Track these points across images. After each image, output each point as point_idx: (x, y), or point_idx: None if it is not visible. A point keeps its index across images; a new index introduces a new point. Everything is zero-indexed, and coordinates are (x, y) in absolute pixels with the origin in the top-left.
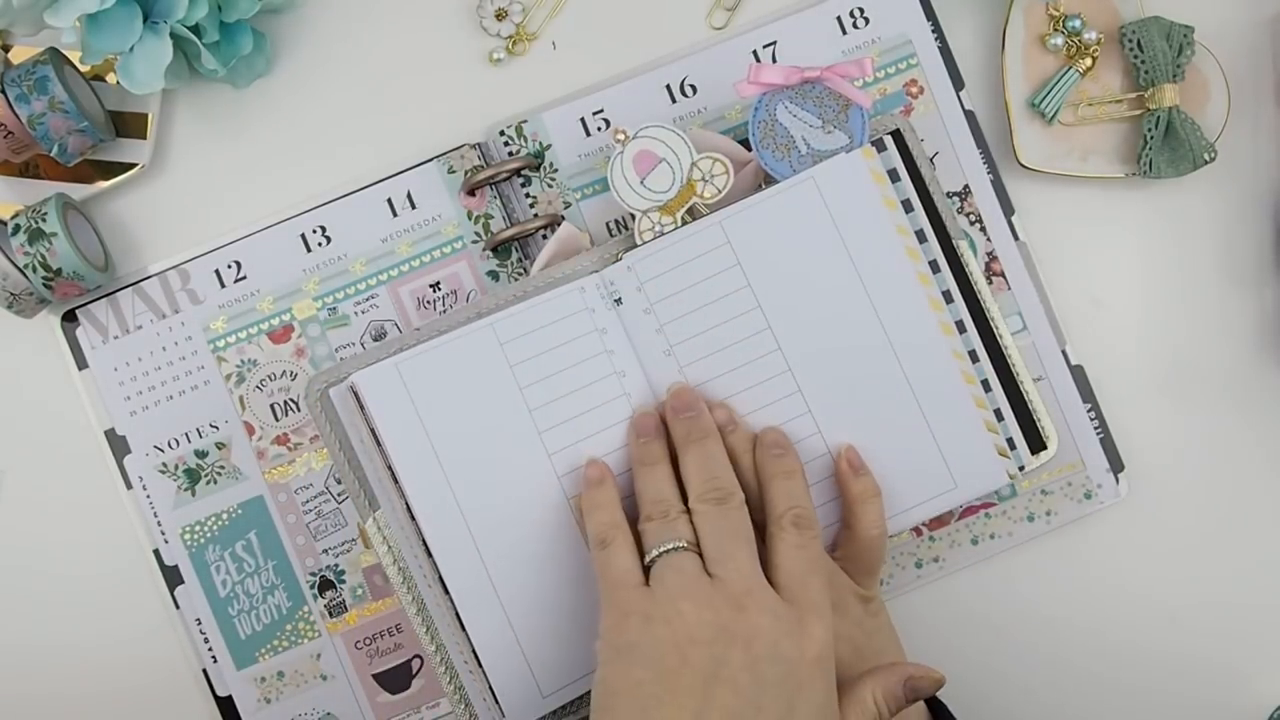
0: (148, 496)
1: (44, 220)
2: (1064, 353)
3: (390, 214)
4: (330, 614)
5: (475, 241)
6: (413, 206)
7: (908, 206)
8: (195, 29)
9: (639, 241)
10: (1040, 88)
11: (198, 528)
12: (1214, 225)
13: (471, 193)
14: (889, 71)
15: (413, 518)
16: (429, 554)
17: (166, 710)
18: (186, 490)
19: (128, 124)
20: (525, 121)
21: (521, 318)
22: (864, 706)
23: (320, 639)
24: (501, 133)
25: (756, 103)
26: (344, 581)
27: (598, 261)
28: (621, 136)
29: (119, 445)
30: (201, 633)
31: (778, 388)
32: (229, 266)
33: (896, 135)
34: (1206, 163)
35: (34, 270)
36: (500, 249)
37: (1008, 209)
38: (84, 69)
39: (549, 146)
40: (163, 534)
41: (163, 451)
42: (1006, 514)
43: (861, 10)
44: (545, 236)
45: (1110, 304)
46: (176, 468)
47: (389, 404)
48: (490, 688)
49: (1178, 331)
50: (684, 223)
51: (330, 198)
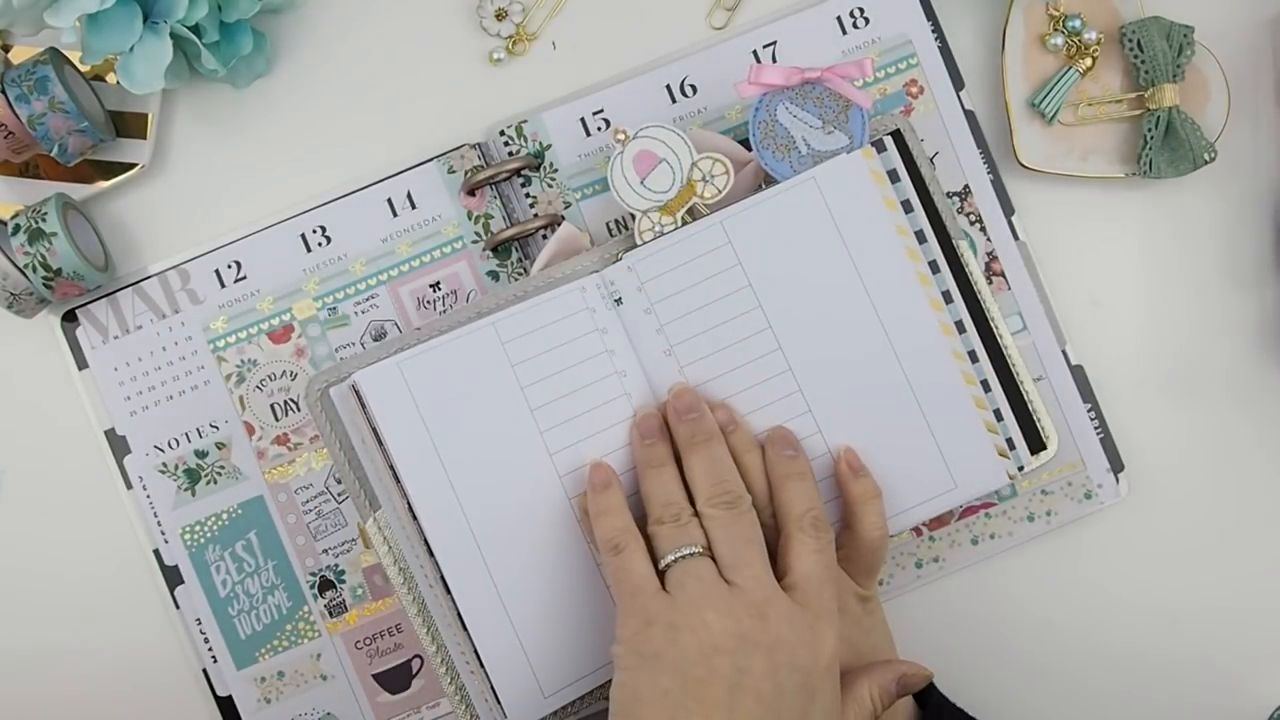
0: (148, 496)
1: (44, 220)
2: (1064, 353)
3: (390, 214)
4: (330, 614)
5: (475, 241)
6: (413, 206)
7: (907, 207)
8: (195, 29)
9: (639, 241)
10: (1040, 88)
11: (198, 528)
12: (1214, 225)
13: (471, 193)
14: (889, 71)
15: (414, 517)
16: (430, 554)
17: (166, 710)
18: (187, 490)
19: (128, 124)
20: (525, 121)
21: (522, 317)
22: (861, 704)
23: (320, 639)
24: (501, 133)
25: (757, 103)
26: (344, 581)
27: (598, 261)
28: (621, 136)
29: (119, 445)
30: (202, 632)
31: (778, 388)
32: (229, 266)
33: (896, 135)
34: (1206, 163)
35: (34, 270)
36: (500, 249)
37: (1008, 209)
38: (84, 69)
39: (549, 146)
40: (163, 534)
41: (163, 451)
42: (1006, 514)
43: (861, 10)
44: (545, 236)
45: (1110, 304)
46: (177, 468)
47: (390, 403)
48: (492, 688)
49: (1178, 331)
50: (684, 223)
51: (330, 198)
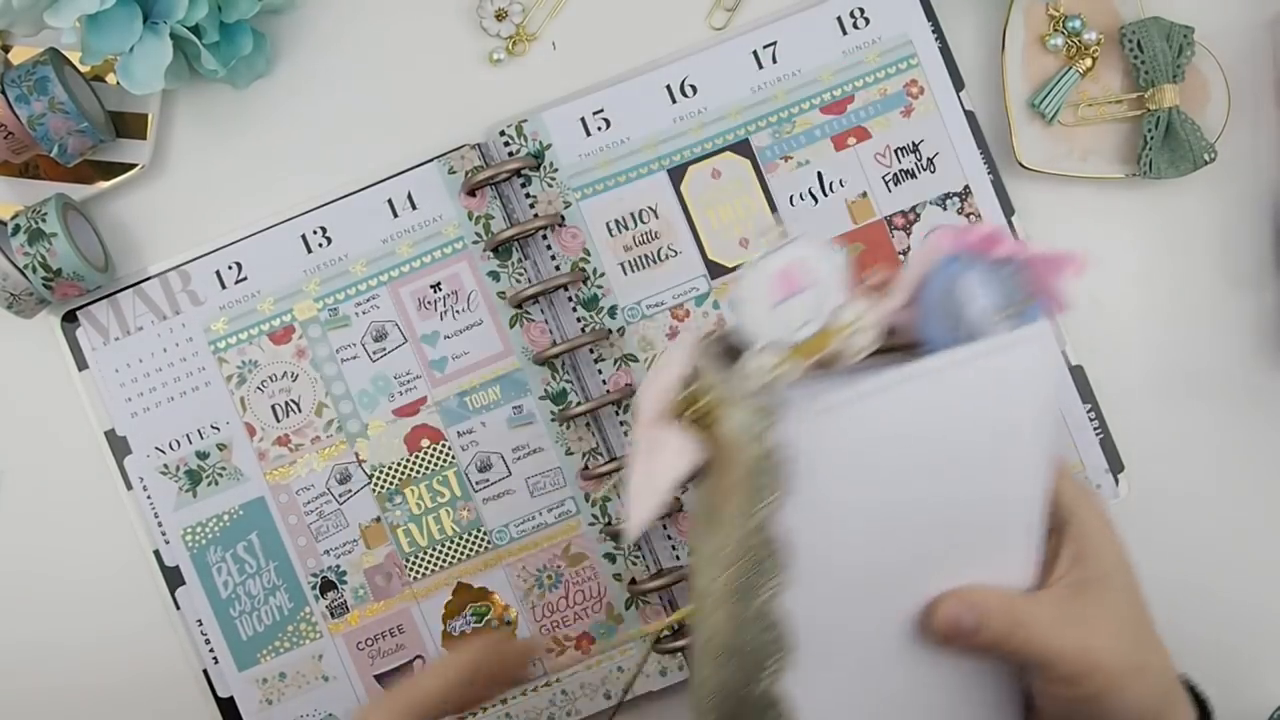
0: (148, 497)
1: (44, 221)
2: (1064, 353)
3: (391, 214)
4: (332, 615)
5: (476, 242)
6: (413, 207)
7: None
8: (195, 29)
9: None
10: (1040, 88)
11: (199, 529)
12: (1214, 225)
13: (472, 193)
14: (889, 72)
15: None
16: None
17: (167, 712)
18: (188, 491)
19: (128, 124)
20: (525, 121)
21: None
22: None
23: (322, 640)
24: (502, 133)
25: (947, 262)
26: (345, 582)
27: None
28: (779, 232)
29: (119, 446)
30: (203, 633)
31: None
32: (230, 267)
33: None
34: (1206, 163)
35: (34, 270)
36: (501, 249)
37: (1008, 209)
38: (84, 69)
39: (549, 146)
40: (164, 535)
41: (164, 453)
42: None
43: (861, 10)
44: (545, 236)
45: (1110, 304)
46: (178, 469)
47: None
48: None
49: (1178, 331)
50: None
51: (331, 199)
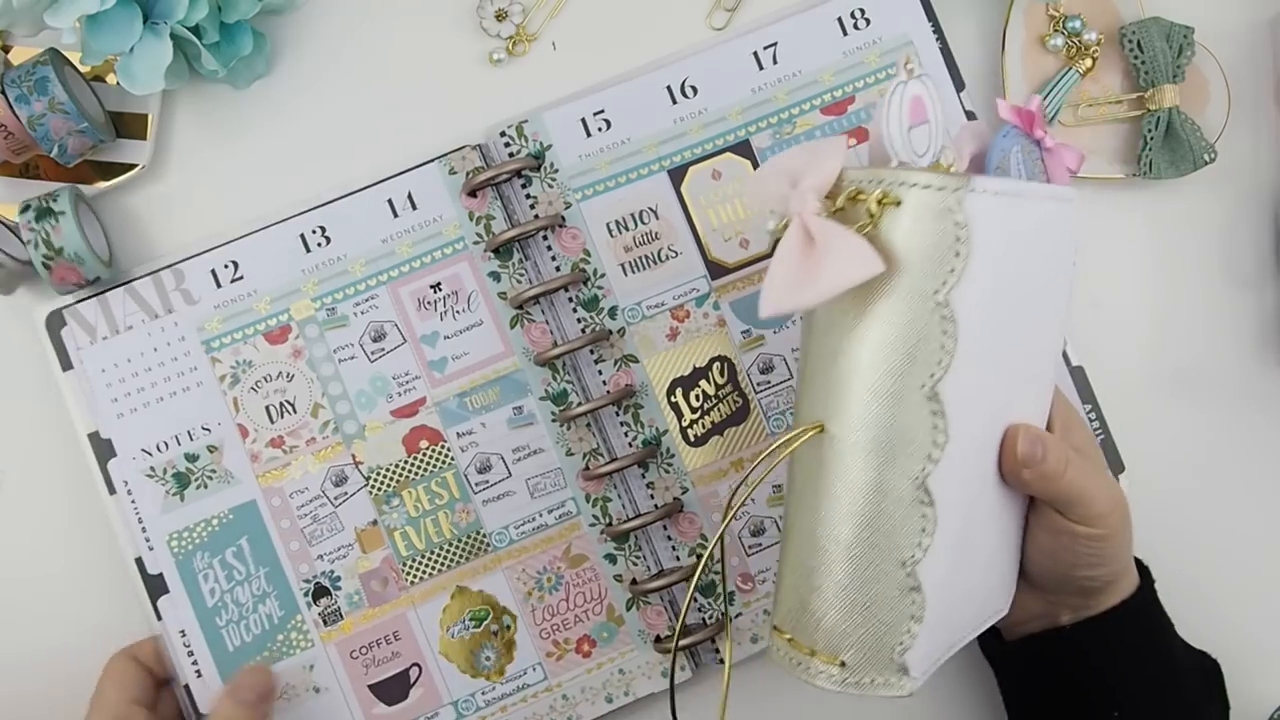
0: (132, 502)
1: (54, 201)
2: (1064, 353)
3: (391, 214)
4: (325, 622)
5: (477, 242)
6: (413, 207)
7: None
8: (195, 30)
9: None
10: (1040, 88)
11: (185, 534)
12: (1214, 225)
13: (473, 194)
14: (890, 72)
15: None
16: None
17: None
18: (175, 495)
19: (128, 124)
20: (526, 121)
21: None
22: None
23: (313, 649)
24: (502, 133)
25: (1007, 131)
26: (339, 588)
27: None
28: (911, 66)
29: (103, 449)
30: (186, 645)
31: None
32: (226, 266)
33: None
34: (1206, 163)
35: (36, 247)
36: (501, 250)
37: None
38: (84, 70)
39: (549, 147)
40: (147, 541)
41: (151, 455)
42: None
43: (862, 11)
44: (545, 237)
45: (1110, 304)
46: (165, 471)
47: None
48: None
49: (1178, 331)
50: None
51: (330, 198)
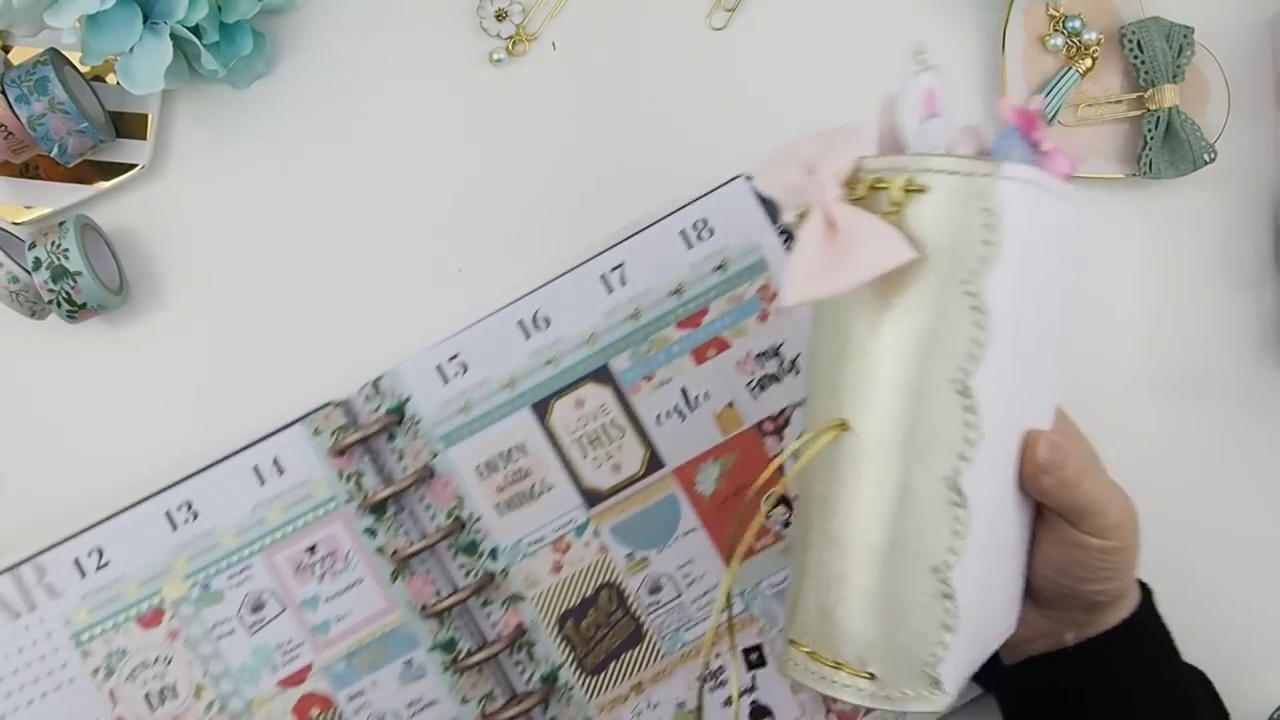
0: None
1: (66, 258)
2: None
3: (258, 482)
4: None
5: (349, 500)
6: (280, 472)
7: None
8: (195, 30)
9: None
10: (1040, 88)
11: None
12: (1214, 225)
13: (340, 452)
14: (740, 279)
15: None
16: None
17: None
18: None
19: (128, 124)
20: (381, 378)
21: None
22: None
23: None
24: (361, 389)
25: (1005, 133)
26: None
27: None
28: (924, 58)
29: None
30: None
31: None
32: (90, 554)
33: None
34: (1206, 163)
35: (58, 306)
36: (375, 506)
37: None
38: (84, 69)
39: (408, 399)
40: None
41: None
42: None
43: (705, 221)
44: (417, 488)
45: (1110, 304)
46: None
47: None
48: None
49: (1177, 331)
50: None
51: (192, 470)
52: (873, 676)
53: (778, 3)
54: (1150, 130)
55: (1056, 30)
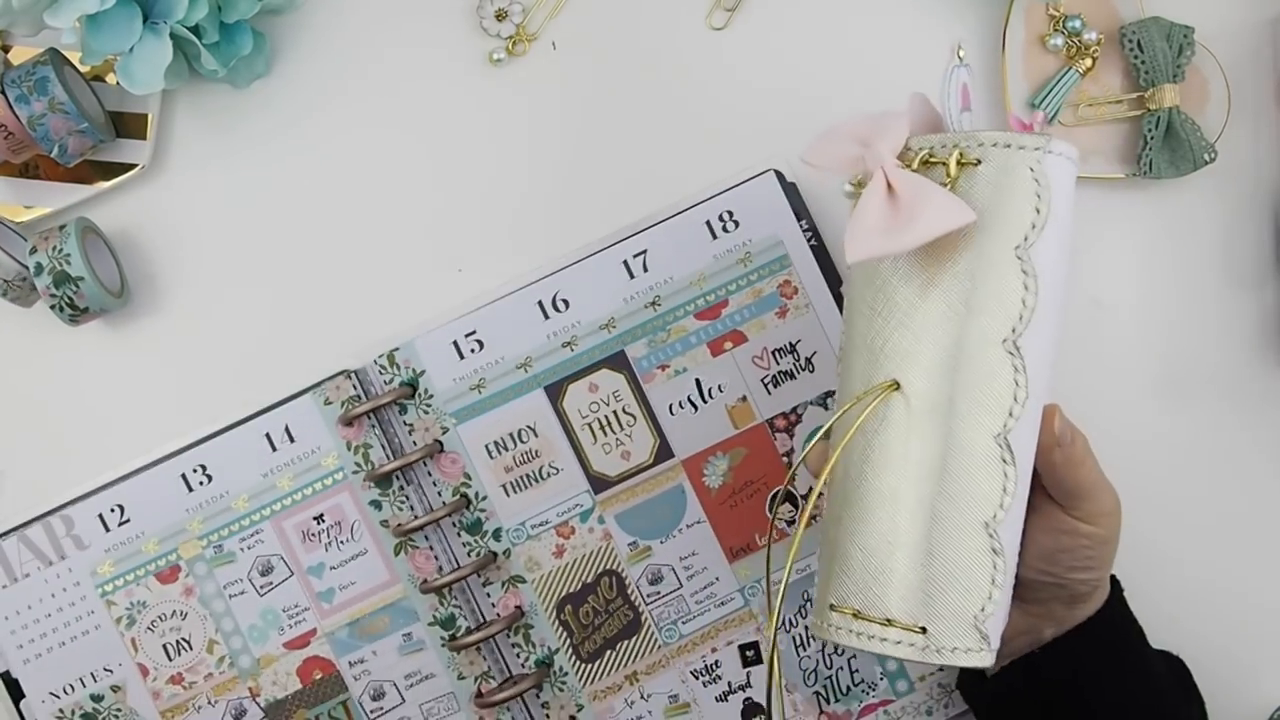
0: None
1: (69, 264)
2: None
3: (270, 448)
4: None
5: (356, 471)
6: (291, 440)
7: None
8: (195, 29)
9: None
10: (1040, 88)
11: None
12: (1214, 225)
13: (349, 423)
14: (762, 274)
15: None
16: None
17: None
18: None
19: (128, 124)
20: (397, 349)
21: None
22: None
23: None
24: (376, 360)
25: None
26: None
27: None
28: (963, 54)
29: (14, 689)
30: None
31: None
32: (112, 510)
33: None
34: (1206, 163)
35: (60, 310)
36: (382, 479)
37: None
38: (84, 69)
39: (422, 373)
40: None
41: (58, 697)
42: None
43: (731, 214)
44: (425, 463)
45: (1110, 304)
46: (74, 713)
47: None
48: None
49: (1178, 331)
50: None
51: (208, 433)
52: (924, 631)
53: (778, 3)
54: (1150, 130)
55: (1056, 30)
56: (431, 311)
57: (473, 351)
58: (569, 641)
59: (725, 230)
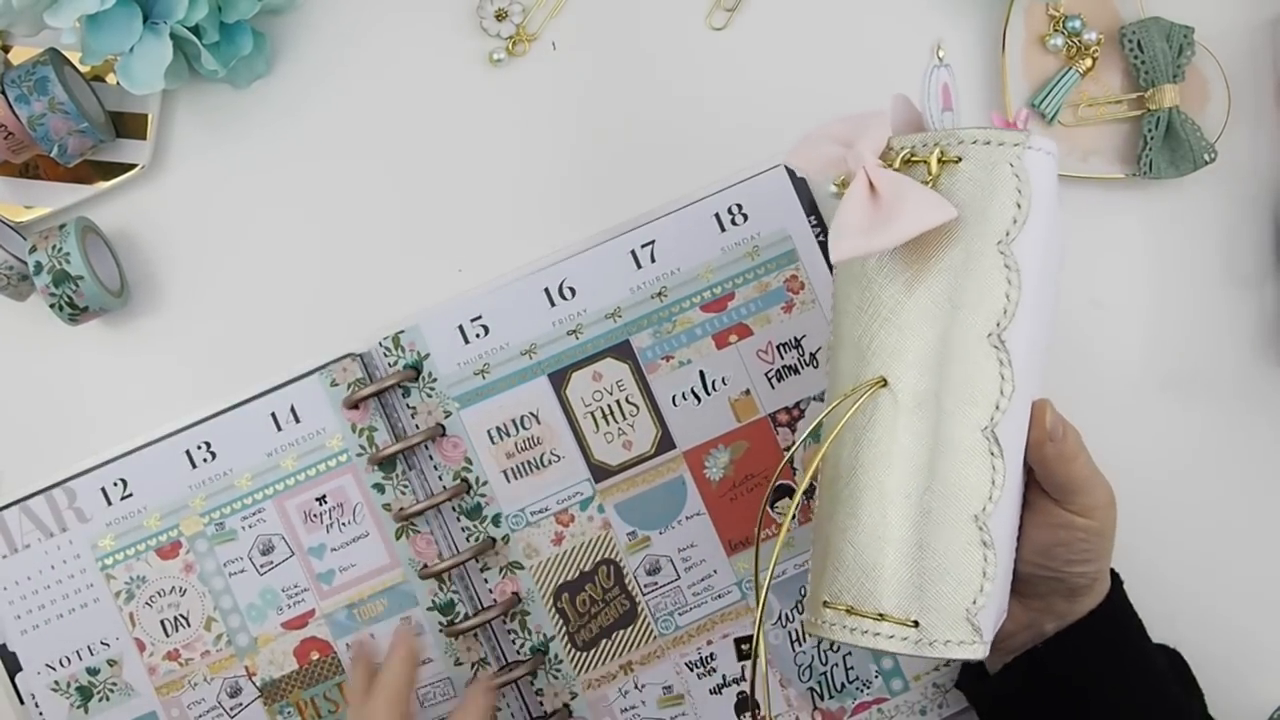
0: (40, 714)
1: (68, 262)
2: None
3: (275, 428)
4: None
5: (360, 454)
6: (296, 420)
7: None
8: (195, 29)
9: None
10: (1040, 88)
11: None
12: (1214, 225)
13: (354, 405)
14: (769, 268)
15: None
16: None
17: None
18: (79, 708)
19: (128, 124)
20: (402, 332)
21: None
22: None
23: None
24: (381, 342)
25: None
26: None
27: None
28: (942, 54)
29: (10, 661)
30: None
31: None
32: (115, 484)
33: None
34: (1206, 163)
35: (60, 310)
36: (385, 461)
37: None
38: (84, 69)
39: (427, 356)
40: None
41: (55, 670)
42: None
43: (740, 207)
44: (426, 447)
45: (1110, 304)
46: (69, 685)
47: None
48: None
49: (1178, 331)
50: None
51: (213, 412)
52: (917, 624)
53: (777, 3)
54: (1150, 130)
55: (1056, 30)
56: (433, 306)
57: (478, 336)
58: (565, 629)
59: (734, 223)
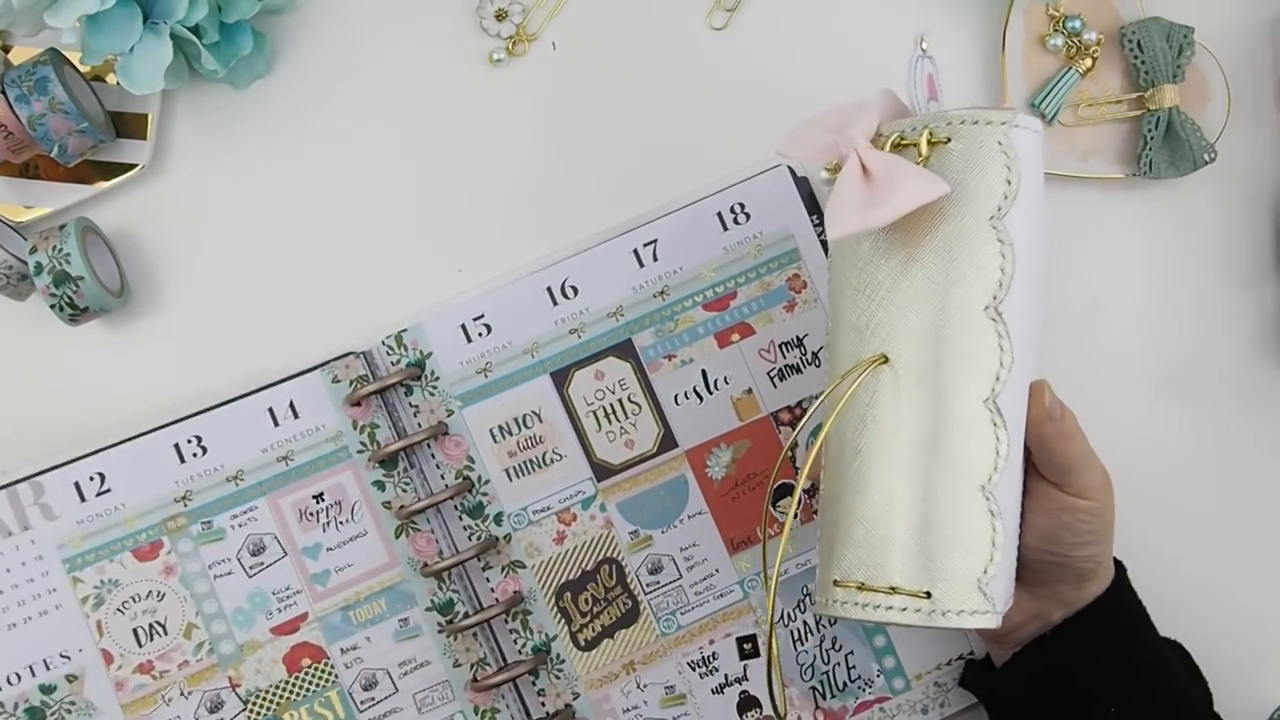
0: None
1: (68, 263)
2: None
3: (272, 423)
4: None
5: (361, 451)
6: (295, 416)
7: None
8: (195, 29)
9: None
10: (1040, 88)
11: None
12: (1214, 225)
13: (357, 403)
14: (771, 267)
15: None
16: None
17: None
18: None
19: (128, 124)
20: (405, 331)
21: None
22: None
23: None
24: (383, 341)
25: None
26: None
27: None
28: (925, 46)
29: None
30: None
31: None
32: (91, 478)
33: None
34: (1206, 163)
35: (60, 310)
36: (386, 459)
37: None
38: (84, 69)
39: (430, 355)
40: None
41: (0, 689)
42: None
43: (742, 205)
44: (429, 445)
45: (1110, 304)
46: (16, 707)
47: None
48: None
49: (1178, 331)
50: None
51: (207, 405)
52: (929, 595)
53: (778, 3)
54: (1150, 130)
55: (1056, 30)
56: (435, 306)
57: (480, 335)
58: (567, 629)
59: (736, 222)
